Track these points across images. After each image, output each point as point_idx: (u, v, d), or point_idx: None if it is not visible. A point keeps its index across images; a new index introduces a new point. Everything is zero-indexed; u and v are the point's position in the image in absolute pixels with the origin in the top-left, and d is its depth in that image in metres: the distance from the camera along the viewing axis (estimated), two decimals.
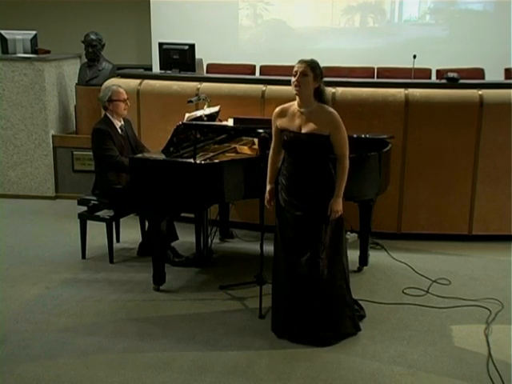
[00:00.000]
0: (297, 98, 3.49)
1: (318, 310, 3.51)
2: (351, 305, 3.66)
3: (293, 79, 3.44)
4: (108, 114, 4.69)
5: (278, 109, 3.60)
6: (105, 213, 4.77)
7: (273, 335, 3.58)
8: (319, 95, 3.48)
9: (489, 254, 4.88)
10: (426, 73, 6.06)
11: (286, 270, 3.58)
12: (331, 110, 3.47)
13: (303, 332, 3.53)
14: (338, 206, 3.50)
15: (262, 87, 5.21)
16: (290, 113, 3.53)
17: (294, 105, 3.53)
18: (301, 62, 3.47)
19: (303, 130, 3.47)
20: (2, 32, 6.42)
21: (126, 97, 4.72)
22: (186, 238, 4.76)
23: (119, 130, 4.71)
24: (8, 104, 6.24)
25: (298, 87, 3.43)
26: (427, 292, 4.19)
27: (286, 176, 3.56)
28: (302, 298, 3.53)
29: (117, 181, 4.61)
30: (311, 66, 3.44)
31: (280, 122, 3.55)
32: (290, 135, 3.49)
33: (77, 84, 6.53)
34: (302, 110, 3.48)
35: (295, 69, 3.46)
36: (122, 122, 4.76)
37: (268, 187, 3.71)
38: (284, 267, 3.58)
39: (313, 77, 3.43)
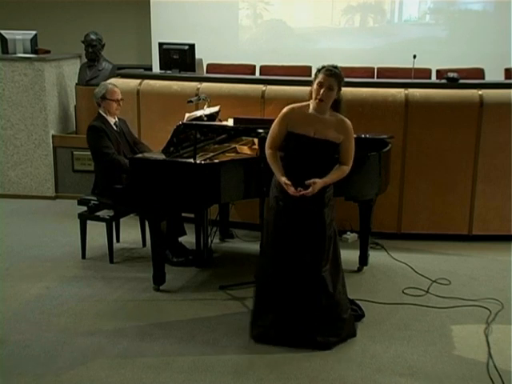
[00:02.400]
0: (314, 104, 3.39)
1: (319, 316, 3.43)
2: (349, 308, 3.61)
3: (319, 89, 3.32)
4: (101, 111, 4.69)
5: (287, 109, 3.46)
6: (105, 213, 4.76)
7: None
8: (335, 104, 3.44)
9: (489, 254, 4.88)
10: (426, 73, 6.05)
11: (276, 271, 3.49)
12: (346, 119, 3.45)
13: (300, 336, 3.43)
14: (319, 187, 3.35)
15: (262, 87, 5.20)
16: (303, 115, 3.42)
17: (307, 107, 3.43)
18: (328, 73, 3.33)
19: (318, 136, 3.38)
20: (2, 32, 6.42)
21: (119, 97, 4.69)
22: (186, 238, 4.75)
23: (114, 127, 4.69)
24: (8, 104, 6.24)
25: (323, 101, 3.35)
26: (427, 292, 4.19)
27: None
28: (299, 302, 3.44)
29: (117, 180, 4.59)
30: (339, 79, 3.37)
31: (290, 123, 3.42)
32: (304, 139, 3.38)
33: (77, 84, 6.53)
34: (319, 116, 3.40)
35: (321, 80, 3.33)
36: (116, 119, 4.75)
37: (283, 178, 3.39)
38: (274, 268, 3.49)
39: (337, 90, 3.40)
